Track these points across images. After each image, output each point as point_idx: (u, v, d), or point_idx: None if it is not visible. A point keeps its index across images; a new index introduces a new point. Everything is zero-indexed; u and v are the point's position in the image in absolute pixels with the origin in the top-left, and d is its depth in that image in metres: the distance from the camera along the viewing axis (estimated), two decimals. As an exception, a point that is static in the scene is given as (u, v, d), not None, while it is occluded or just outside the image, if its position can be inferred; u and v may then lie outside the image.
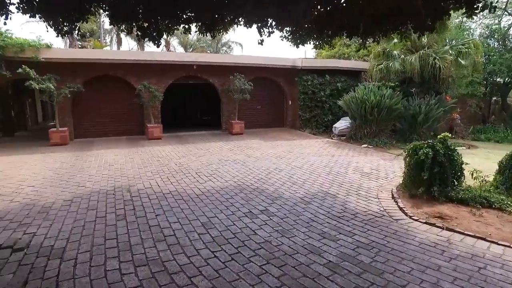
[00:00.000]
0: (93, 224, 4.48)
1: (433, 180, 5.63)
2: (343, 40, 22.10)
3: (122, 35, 34.83)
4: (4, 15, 4.77)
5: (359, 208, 5.39)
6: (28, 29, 42.02)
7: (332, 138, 13.60)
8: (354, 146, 11.56)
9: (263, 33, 6.23)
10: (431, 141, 6.04)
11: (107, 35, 33.55)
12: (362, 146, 11.63)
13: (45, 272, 3.31)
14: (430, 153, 5.61)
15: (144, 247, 3.82)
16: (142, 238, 4.06)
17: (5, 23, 5.11)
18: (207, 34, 7.60)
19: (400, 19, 5.61)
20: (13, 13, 4.85)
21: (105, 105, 12.93)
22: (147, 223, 4.53)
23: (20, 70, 10.14)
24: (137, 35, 5.81)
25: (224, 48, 36.83)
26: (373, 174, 7.65)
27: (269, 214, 5.02)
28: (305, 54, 16.87)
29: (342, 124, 14.02)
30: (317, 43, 7.56)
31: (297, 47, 7.69)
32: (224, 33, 7.34)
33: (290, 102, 16.21)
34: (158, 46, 6.17)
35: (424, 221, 4.69)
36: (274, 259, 3.62)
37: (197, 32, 7.08)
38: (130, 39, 34.51)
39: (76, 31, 5.68)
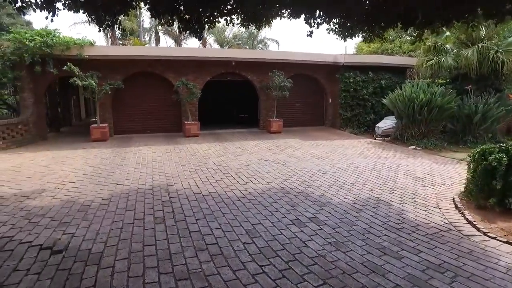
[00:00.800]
0: (131, 227, 4.23)
1: (507, 190, 4.88)
2: (387, 34, 20.99)
3: (161, 33, 35.60)
4: (52, 12, 4.75)
5: (419, 219, 4.76)
6: (76, 31, 44.14)
7: (375, 139, 12.79)
8: (400, 148, 10.72)
9: (312, 23, 5.74)
10: (503, 144, 5.27)
11: (146, 34, 34.37)
12: (410, 147, 10.77)
13: (82, 280, 3.07)
14: (504, 159, 4.85)
15: (184, 256, 3.48)
16: (182, 245, 3.73)
17: (52, 20, 5.12)
18: (249, 27, 7.22)
19: (468, 3, 4.88)
20: (60, 10, 4.83)
21: (144, 101, 13.00)
22: (187, 228, 4.21)
23: (65, 67, 10.35)
24: (179, 27, 5.54)
25: (260, 46, 36.47)
26: (427, 180, 6.91)
27: (318, 222, 4.54)
28: (345, 50, 16.07)
29: (386, 123, 13.16)
30: (367, 35, 6.92)
31: (345, 40, 7.10)
32: (267, 26, 6.92)
33: (330, 100, 15.50)
34: (199, 39, 5.92)
35: (504, 239, 4.00)
36: (331, 279, 3.14)
37: (238, 25, 6.72)
38: (168, 38, 35.17)
39: (117, 25, 5.51)
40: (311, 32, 5.75)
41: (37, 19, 48.35)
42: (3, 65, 10.26)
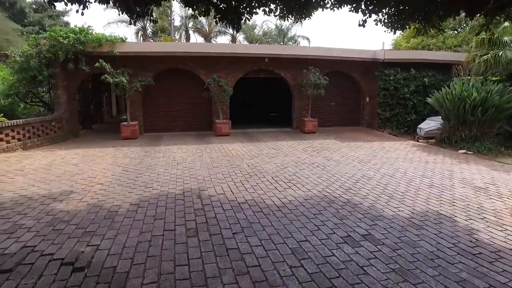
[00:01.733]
0: (161, 240, 3.76)
1: None
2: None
3: (191, 31, 35.70)
4: (82, 5, 4.50)
5: (498, 242, 3.97)
6: (109, 30, 45.24)
7: (417, 141, 11.79)
8: (448, 152, 9.73)
9: (363, 11, 5.06)
10: None
11: (177, 32, 34.54)
12: (459, 151, 9.75)
13: (104, 308, 2.61)
14: None
15: (222, 282, 2.95)
16: (219, 267, 3.20)
17: (82, 14, 4.91)
18: (289, 19, 6.62)
19: None
20: (91, 2, 4.55)
21: (174, 99, 12.71)
22: (223, 244, 3.68)
23: (97, 64, 10.21)
24: (215, 17, 5.04)
25: (290, 43, 35.66)
26: (491, 191, 6.02)
27: (374, 241, 3.87)
28: (382, 46, 15.01)
29: (431, 124, 12.10)
30: (421, 26, 6.11)
31: (394, 32, 6.35)
32: (308, 18, 6.30)
33: (367, 99, 14.57)
34: (237, 31, 5.45)
35: None
36: (406, 324, 2.50)
37: (277, 18, 6.15)
38: (198, 36, 35.23)
39: (149, 16, 5.10)
40: (364, 21, 5.07)
41: (75, 20, 50.10)
42: (39, 62, 10.26)
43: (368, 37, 69.95)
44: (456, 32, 19.08)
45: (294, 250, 3.60)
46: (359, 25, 5.16)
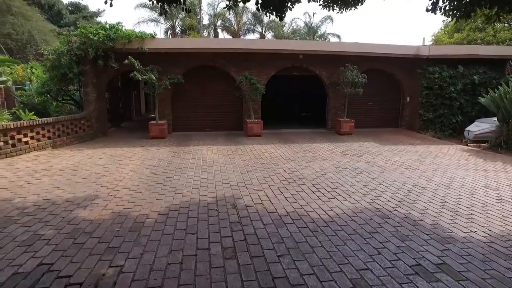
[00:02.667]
0: (194, 262, 3.19)
1: None
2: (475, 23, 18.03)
3: (219, 29, 35.50)
4: None
5: None
6: (139, 30, 45.86)
7: (467, 145, 10.70)
8: (509, 158, 8.63)
9: None
10: None
11: (205, 31, 34.43)
12: (521, 158, 8.64)
13: None
14: None
15: (273, 328, 2.33)
16: (267, 304, 2.59)
17: (111, 5, 4.53)
18: (334, 9, 5.95)
19: None
20: None
21: (203, 97, 12.26)
22: (268, 271, 3.06)
23: (126, 61, 9.92)
24: (256, 3, 4.42)
25: (320, 41, 34.59)
26: None
27: (454, 274, 3.11)
28: (423, 41, 13.84)
29: (482, 127, 10.97)
30: (494, 12, 5.23)
31: (457, 20, 5.51)
32: (355, 8, 5.59)
33: (408, 99, 13.51)
34: (281, 19, 4.72)
35: None
36: None
37: (321, 7, 5.47)
38: (227, 34, 34.91)
39: (181, 4, 4.58)
40: (435, 3, 4.29)
41: (108, 20, 51.32)
42: (70, 60, 10.11)
43: (403, 35, 67.31)
44: (509, 24, 17.41)
45: (355, 283, 2.91)
46: (427, 10, 4.38)
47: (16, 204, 4.77)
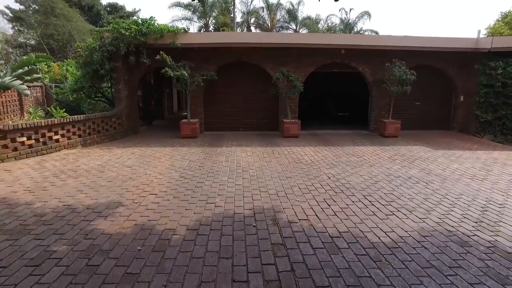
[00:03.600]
0: (230, 301, 2.50)
1: None
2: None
3: (252, 27, 34.95)
4: None
5: None
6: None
7: (536, 151, 9.28)
8: None
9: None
10: None
11: (238, 28, 34.01)
12: None
13: None
14: None
15: None
16: None
17: None
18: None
19: None
20: None
21: (237, 95, 11.62)
22: (327, 323, 2.30)
23: (158, 56, 9.49)
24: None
25: (357, 37, 32.98)
26: None
27: None
28: (478, 34, 12.29)
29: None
30: None
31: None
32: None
33: (461, 98, 12.13)
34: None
35: None
36: None
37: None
38: (260, 31, 34.26)
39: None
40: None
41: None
42: (102, 56, 9.84)
43: (446, 31, 63.67)
44: None
45: None
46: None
47: (35, 209, 4.33)
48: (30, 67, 8.17)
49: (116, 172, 6.26)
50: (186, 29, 10.24)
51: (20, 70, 8.20)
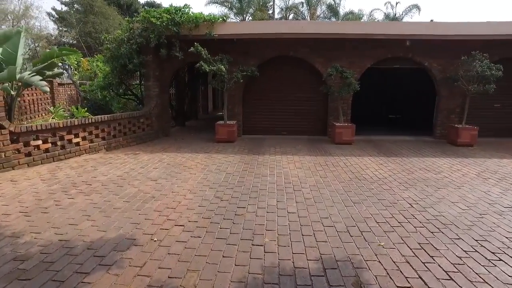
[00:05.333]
0: None
1: None
2: None
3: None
4: None
5: None
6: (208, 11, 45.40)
7: None
8: None
9: None
10: None
11: (277, 25, 32.48)
12: None
13: None
14: None
15: None
16: None
17: None
18: None
19: None
20: None
21: (280, 94, 10.20)
22: None
23: (192, 48, 8.30)
24: None
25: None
26: None
27: None
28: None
29: None
30: None
31: None
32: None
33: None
34: None
35: None
36: None
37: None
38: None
39: None
40: None
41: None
42: (130, 49, 8.81)
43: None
44: None
45: None
46: None
47: (19, 248, 3.16)
48: (50, 61, 7.25)
49: (137, 187, 5.07)
50: (224, 18, 8.97)
51: (40, 65, 7.31)
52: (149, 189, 4.99)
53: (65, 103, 12.95)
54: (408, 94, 14.86)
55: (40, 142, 6.30)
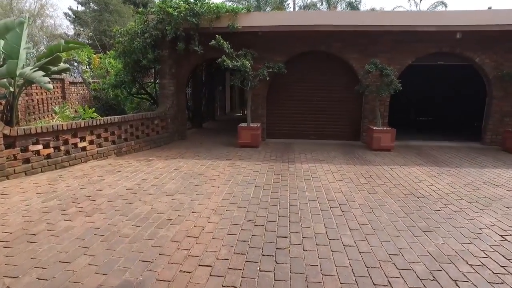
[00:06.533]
0: None
1: None
2: None
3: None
4: None
5: None
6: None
7: None
8: None
9: None
10: None
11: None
12: None
13: None
14: None
15: None
16: None
17: None
18: None
19: None
20: None
21: (308, 94, 9.18)
22: None
23: (213, 42, 7.40)
24: None
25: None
26: None
27: None
28: None
29: None
30: None
31: None
32: None
33: None
34: None
35: None
36: None
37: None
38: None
39: None
40: None
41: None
42: (144, 42, 7.96)
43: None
44: None
45: None
46: None
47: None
48: (55, 55, 6.44)
49: (150, 204, 4.16)
50: (248, 8, 8.04)
51: (44, 59, 6.51)
52: (164, 207, 4.07)
53: (76, 103, 12.26)
54: (442, 95, 13.62)
55: (40, 147, 5.48)
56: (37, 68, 6.18)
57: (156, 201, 4.27)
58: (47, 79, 5.98)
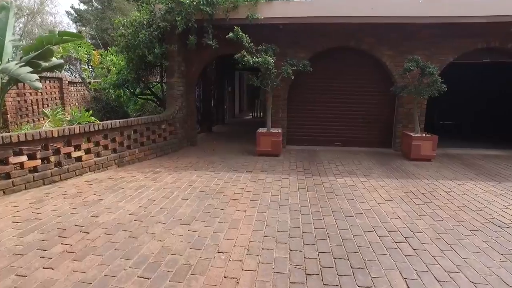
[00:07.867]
0: None
1: None
2: None
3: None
4: None
5: None
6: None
7: None
8: None
9: None
10: None
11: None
12: None
13: None
14: None
15: None
16: None
17: None
18: None
19: None
20: None
21: (334, 95, 8.15)
22: None
23: (230, 34, 6.42)
24: None
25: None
26: None
27: None
28: None
29: None
30: None
31: None
32: None
33: None
34: None
35: None
36: None
37: None
38: None
39: None
40: None
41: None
42: (150, 36, 6.99)
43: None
44: None
45: None
46: None
47: None
48: (45, 48, 5.47)
49: (160, 239, 3.16)
50: (270, -3, 7.03)
51: (33, 53, 5.55)
52: (180, 244, 3.07)
53: (76, 104, 11.31)
54: (473, 97, 12.53)
55: (24, 158, 4.49)
56: (23, 63, 5.22)
57: (169, 234, 3.27)
58: (35, 76, 5.02)
